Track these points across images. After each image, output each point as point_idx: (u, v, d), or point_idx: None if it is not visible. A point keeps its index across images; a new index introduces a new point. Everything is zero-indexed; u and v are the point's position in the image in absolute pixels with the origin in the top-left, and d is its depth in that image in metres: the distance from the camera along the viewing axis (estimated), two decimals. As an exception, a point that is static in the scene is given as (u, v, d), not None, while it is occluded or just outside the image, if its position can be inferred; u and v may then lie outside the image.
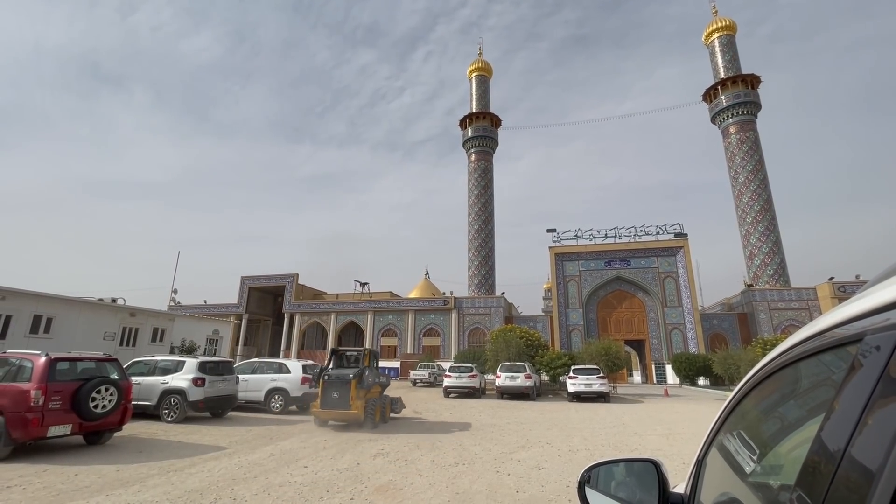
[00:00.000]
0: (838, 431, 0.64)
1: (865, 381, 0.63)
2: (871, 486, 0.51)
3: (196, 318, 22.65)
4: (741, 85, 47.53)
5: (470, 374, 22.70)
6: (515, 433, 11.21)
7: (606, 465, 1.51)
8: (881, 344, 0.63)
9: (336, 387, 11.19)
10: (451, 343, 44.98)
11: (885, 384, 0.58)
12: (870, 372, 0.62)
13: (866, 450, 0.56)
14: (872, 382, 0.61)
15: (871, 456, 0.54)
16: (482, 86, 59.63)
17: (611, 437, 11.08)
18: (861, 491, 0.53)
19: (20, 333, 13.13)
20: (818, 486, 0.64)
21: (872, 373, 0.62)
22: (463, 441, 9.92)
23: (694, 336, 38.67)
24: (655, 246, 42.06)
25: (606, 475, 1.50)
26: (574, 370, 22.06)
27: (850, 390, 0.67)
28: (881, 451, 0.52)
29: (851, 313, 0.75)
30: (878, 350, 0.63)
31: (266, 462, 7.49)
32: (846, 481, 0.58)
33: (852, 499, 0.54)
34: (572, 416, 15.21)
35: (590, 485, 1.46)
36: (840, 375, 0.72)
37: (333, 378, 11.31)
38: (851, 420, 0.62)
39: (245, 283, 55.01)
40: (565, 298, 43.54)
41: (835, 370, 0.79)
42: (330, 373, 11.58)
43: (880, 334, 0.64)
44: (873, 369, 0.62)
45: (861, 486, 0.53)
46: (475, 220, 53.09)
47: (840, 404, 0.68)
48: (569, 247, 44.40)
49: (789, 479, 0.75)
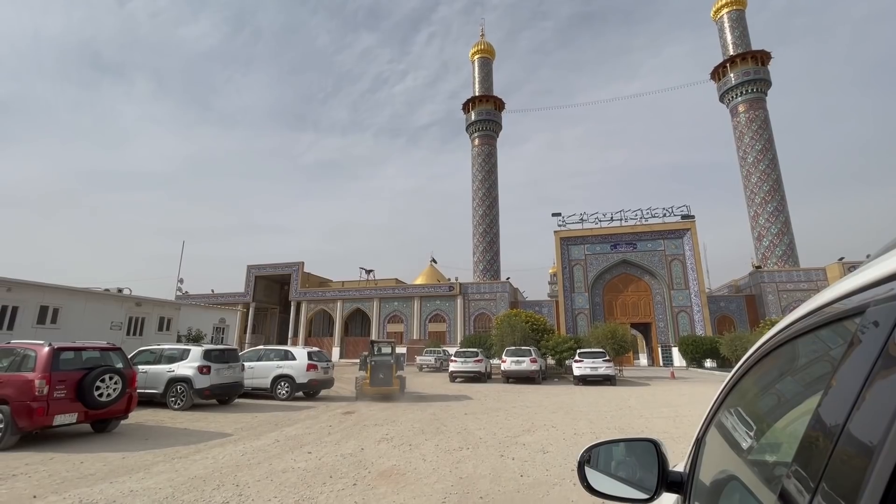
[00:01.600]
0: (837, 406, 0.62)
1: (867, 355, 0.60)
2: (869, 462, 0.49)
3: (202, 307, 22.79)
4: (751, 62, 46.33)
5: (475, 359, 22.74)
6: (521, 417, 11.19)
7: (606, 445, 1.51)
8: (884, 315, 0.60)
9: (382, 369, 14.59)
10: (456, 328, 45.13)
11: (886, 357, 0.56)
12: (871, 345, 0.60)
13: (866, 425, 0.54)
14: (874, 355, 0.58)
15: (870, 431, 0.52)
16: (485, 68, 58.63)
17: (616, 419, 11.04)
18: (860, 466, 0.51)
19: (27, 324, 13.23)
20: (816, 461, 0.62)
21: (874, 345, 0.59)
22: (468, 425, 9.92)
23: (701, 319, 38.46)
24: (662, 228, 41.60)
25: (606, 455, 1.51)
26: (580, 354, 22.03)
27: (850, 364, 0.64)
28: (881, 426, 0.50)
29: (853, 286, 0.72)
30: (881, 322, 0.60)
31: (270, 448, 7.51)
32: (844, 457, 0.56)
33: (851, 474, 0.53)
34: (578, 400, 15.20)
35: (590, 464, 1.46)
36: (840, 350, 0.70)
37: (379, 363, 14.68)
38: (851, 395, 0.60)
39: (251, 272, 55.32)
40: (571, 282, 43.36)
41: (835, 345, 0.77)
42: (375, 359, 14.74)
43: (883, 305, 0.61)
44: (875, 342, 0.59)
45: (860, 461, 0.51)
46: (479, 205, 52.75)
47: (839, 379, 0.66)
48: (574, 231, 44.04)
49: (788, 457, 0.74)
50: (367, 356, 14.92)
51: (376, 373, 14.44)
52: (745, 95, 46.28)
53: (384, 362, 14.69)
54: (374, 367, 14.53)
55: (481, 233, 51.90)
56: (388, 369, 14.56)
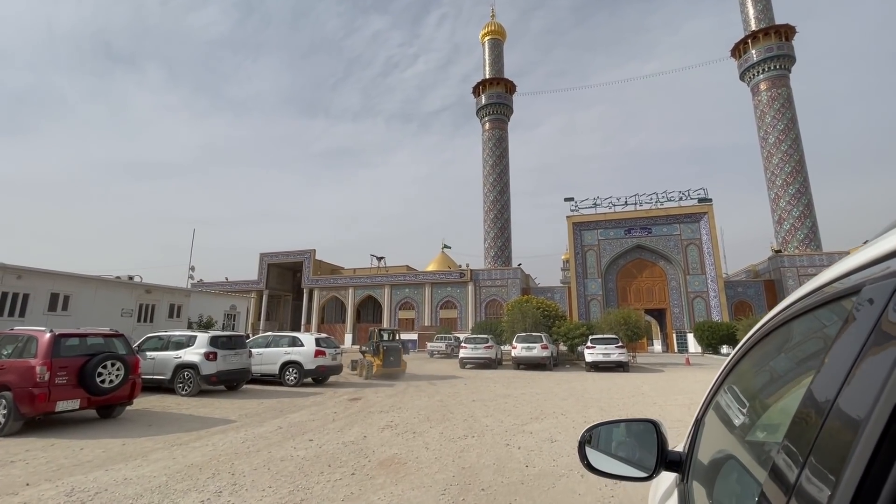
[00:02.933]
0: (829, 383, 0.63)
1: (860, 332, 0.61)
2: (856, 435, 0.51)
3: (213, 293, 22.91)
4: (774, 37, 44.37)
5: (486, 346, 22.55)
6: (529, 404, 10.95)
7: (607, 426, 1.53)
8: (878, 293, 0.61)
9: (393, 353, 17.34)
10: (468, 315, 45.02)
11: (878, 333, 0.57)
12: (864, 322, 0.61)
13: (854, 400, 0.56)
14: (866, 332, 0.59)
15: (858, 405, 0.54)
16: (496, 50, 57.34)
17: (629, 407, 10.72)
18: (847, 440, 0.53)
19: (38, 311, 13.36)
20: (806, 436, 0.64)
21: (867, 322, 0.60)
22: (475, 412, 9.70)
23: (717, 304, 37.64)
24: (678, 212, 40.58)
25: (607, 435, 1.52)
26: (592, 339, 21.66)
27: (844, 341, 0.66)
28: (869, 400, 0.52)
29: (851, 266, 0.74)
30: (875, 299, 0.61)
31: (272, 435, 7.39)
32: (833, 431, 0.57)
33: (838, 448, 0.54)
34: (589, 387, 14.90)
35: (590, 444, 1.48)
36: (836, 328, 0.70)
37: (391, 348, 17.37)
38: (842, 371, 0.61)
39: (264, 260, 55.82)
40: (584, 268, 42.74)
41: (831, 324, 0.77)
42: (386, 344, 17.43)
43: (878, 283, 0.62)
44: (868, 319, 0.61)
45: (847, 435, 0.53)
46: (490, 190, 52.10)
47: (832, 356, 0.67)
48: (587, 215, 43.25)
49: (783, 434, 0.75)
50: (377, 343, 17.31)
51: (388, 356, 16.90)
52: (768, 73, 44.45)
53: (394, 347, 17.49)
54: (387, 351, 16.97)
55: (492, 218, 51.36)
56: (397, 353, 17.39)
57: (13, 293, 12.76)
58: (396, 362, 17.19)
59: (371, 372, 16.65)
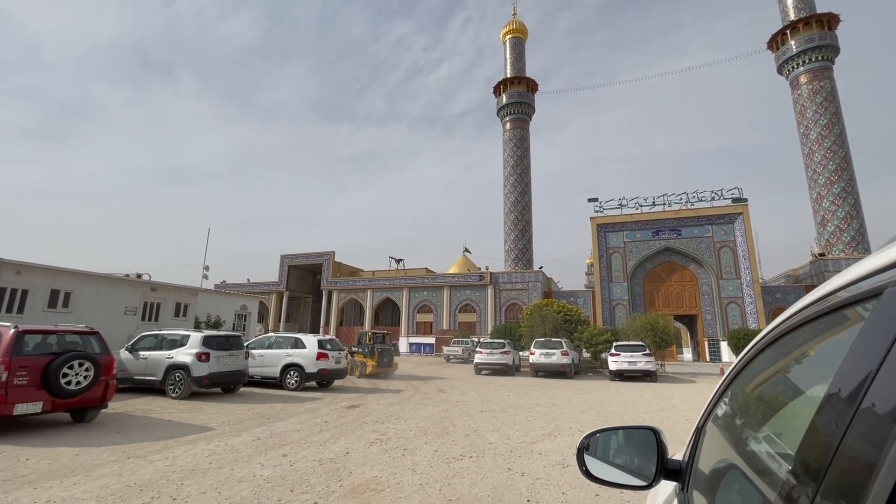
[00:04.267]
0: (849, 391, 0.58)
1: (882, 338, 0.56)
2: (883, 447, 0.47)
3: (223, 293, 22.60)
4: (815, 27, 41.67)
5: (502, 351, 21.41)
6: (543, 417, 9.82)
7: (606, 433, 1.50)
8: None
9: (386, 354, 18.71)
10: (487, 319, 43.80)
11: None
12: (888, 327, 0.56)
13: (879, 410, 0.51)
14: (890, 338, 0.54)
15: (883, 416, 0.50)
16: (517, 49, 56.17)
17: (657, 422, 9.37)
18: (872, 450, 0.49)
19: (38, 308, 13.09)
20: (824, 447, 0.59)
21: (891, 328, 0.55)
22: (480, 425, 8.67)
23: (754, 310, 35.24)
24: (710, 213, 38.34)
25: (606, 442, 1.49)
26: (616, 346, 20.24)
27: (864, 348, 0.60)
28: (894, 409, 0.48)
29: (867, 269, 0.69)
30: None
31: (244, 448, 6.56)
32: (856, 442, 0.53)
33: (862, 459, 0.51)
34: (613, 398, 13.60)
35: (588, 452, 1.45)
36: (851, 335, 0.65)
37: (383, 349, 18.65)
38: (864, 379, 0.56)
39: (284, 262, 56.07)
40: (608, 272, 40.92)
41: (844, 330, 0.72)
42: (380, 346, 18.62)
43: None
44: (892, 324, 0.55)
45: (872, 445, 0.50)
46: (511, 191, 50.83)
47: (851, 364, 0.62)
48: (612, 217, 41.45)
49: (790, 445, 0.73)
50: (371, 345, 18.48)
51: (381, 357, 18.18)
52: (808, 64, 41.73)
53: (387, 349, 18.91)
54: (381, 353, 18.23)
55: (513, 220, 50.03)
56: (389, 354, 19.00)
57: (11, 289, 12.52)
58: (389, 363, 18.69)
59: (365, 371, 18.02)
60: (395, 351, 20.57)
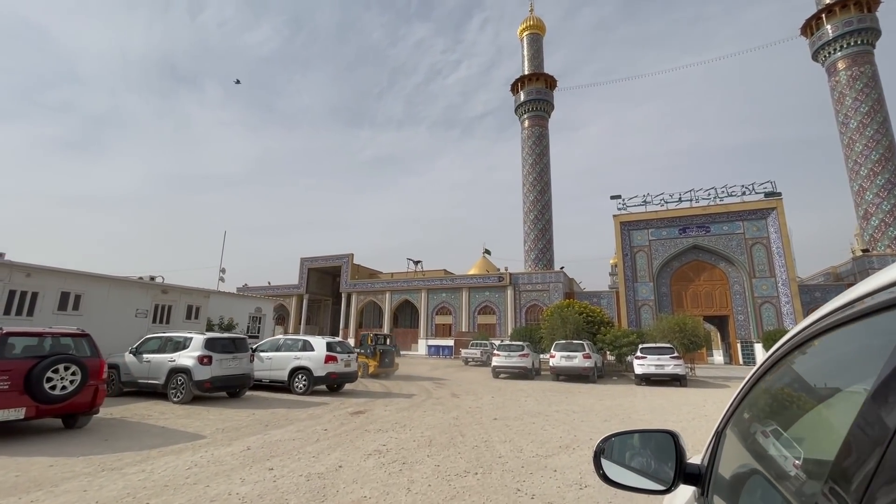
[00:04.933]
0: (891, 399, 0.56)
1: None
2: None
3: (237, 295, 22.55)
4: (853, 9, 39.24)
5: (521, 354, 20.55)
6: (562, 426, 9.02)
7: (622, 436, 1.47)
8: None
9: (388, 355, 19.76)
10: (507, 321, 42.87)
11: None
12: None
13: None
14: None
15: None
16: (534, 45, 55.09)
17: (690, 432, 8.52)
18: None
19: (48, 310, 13.06)
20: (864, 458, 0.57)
21: None
22: (491, 435, 7.95)
23: (790, 310, 33.23)
24: (741, 209, 36.46)
25: (623, 446, 1.46)
26: (642, 349, 19.15)
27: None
28: None
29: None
30: None
31: (230, 460, 6.04)
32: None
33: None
34: (638, 404, 12.65)
35: (605, 455, 1.42)
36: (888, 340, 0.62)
37: (385, 350, 19.63)
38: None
39: (304, 265, 56.44)
40: (633, 271, 39.43)
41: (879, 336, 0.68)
42: (382, 347, 19.62)
43: None
44: None
45: None
46: (530, 190, 49.75)
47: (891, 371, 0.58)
48: (636, 214, 39.96)
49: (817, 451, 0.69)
50: (374, 346, 19.37)
51: (383, 358, 19.33)
52: (847, 49, 39.34)
53: (388, 350, 19.93)
54: (383, 353, 19.36)
55: (532, 220, 48.93)
56: (391, 355, 20.00)
57: (21, 291, 12.50)
58: (390, 363, 19.80)
59: (367, 371, 18.88)
60: (396, 352, 21.68)
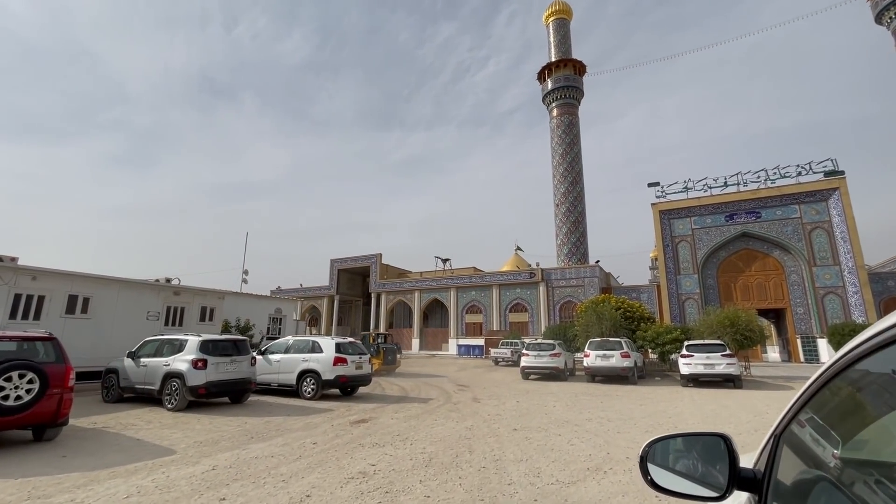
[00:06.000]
0: None
1: None
2: None
3: (256, 296, 22.20)
4: (923, -38, 34.94)
5: (552, 353, 19.01)
6: (594, 439, 7.60)
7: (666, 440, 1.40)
8: None
9: (391, 353, 20.66)
10: (539, 318, 41.08)
11: None
12: None
13: None
14: None
15: None
16: (561, 30, 52.83)
17: (754, 448, 6.90)
18: None
19: (55, 313, 12.84)
20: None
21: None
22: (505, 452, 6.66)
23: (860, 301, 29.77)
24: (797, 191, 33.12)
25: (666, 449, 1.40)
26: (688, 346, 17.18)
27: None
28: None
29: None
30: None
31: (182, 485, 5.07)
32: None
33: None
34: (685, 410, 10.96)
35: (650, 459, 1.36)
36: None
37: (388, 349, 20.74)
38: None
39: (334, 266, 56.59)
40: (675, 263, 36.72)
41: None
42: (385, 346, 20.71)
43: None
44: None
45: None
46: (561, 181, 47.62)
47: None
48: (677, 201, 37.21)
49: (892, 457, 0.66)
50: (377, 345, 20.42)
51: (386, 356, 20.16)
52: (916, 7, 35.06)
53: (391, 349, 20.94)
54: (386, 352, 20.18)
55: (564, 212, 46.80)
56: (393, 353, 20.97)
57: (27, 295, 12.29)
58: (392, 361, 20.84)
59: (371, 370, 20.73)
60: (398, 350, 22.85)
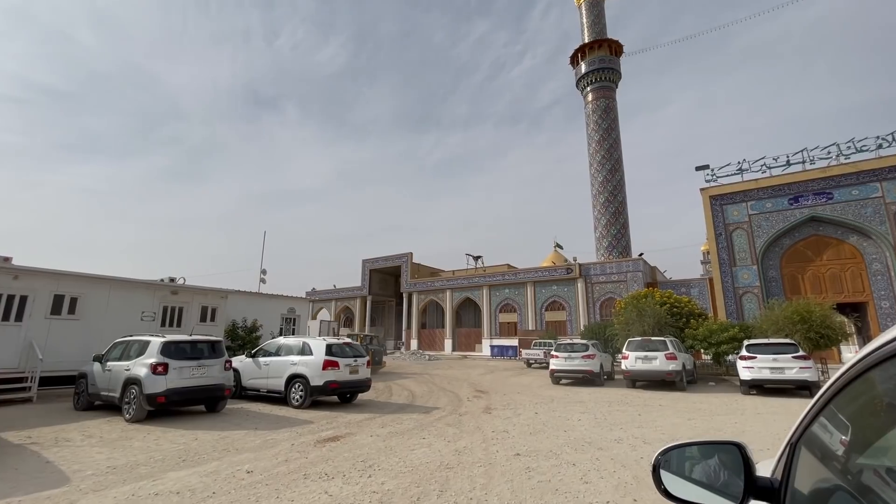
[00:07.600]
0: None
1: None
2: None
3: (265, 295, 21.34)
4: None
5: (585, 354, 16.76)
6: (619, 472, 5.61)
7: (681, 448, 1.38)
8: None
9: (378, 355, 21.30)
10: (578, 317, 38.36)
11: None
12: None
13: None
14: None
15: None
16: (595, 9, 49.57)
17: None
18: None
19: (39, 315, 12.27)
20: None
21: None
22: (487, 495, 4.84)
23: (962, 292, 25.15)
24: (877, 165, 28.68)
25: (684, 458, 1.38)
26: (749, 346, 14.45)
27: None
28: None
29: None
30: None
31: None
32: None
33: None
34: (748, 425, 8.62)
35: (664, 468, 1.35)
36: None
37: (377, 350, 21.40)
38: None
39: (366, 266, 56.18)
40: (729, 253, 32.94)
41: None
42: (373, 347, 20.71)
43: None
44: None
45: None
46: (598, 170, 44.51)
47: None
48: (730, 185, 33.43)
49: None
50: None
51: (376, 356, 20.12)
52: None
53: (378, 350, 21.69)
54: (375, 352, 19.97)
55: (602, 203, 43.67)
56: (380, 354, 21.96)
57: (8, 295, 11.73)
58: (379, 361, 21.52)
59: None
60: (384, 351, 24.79)
